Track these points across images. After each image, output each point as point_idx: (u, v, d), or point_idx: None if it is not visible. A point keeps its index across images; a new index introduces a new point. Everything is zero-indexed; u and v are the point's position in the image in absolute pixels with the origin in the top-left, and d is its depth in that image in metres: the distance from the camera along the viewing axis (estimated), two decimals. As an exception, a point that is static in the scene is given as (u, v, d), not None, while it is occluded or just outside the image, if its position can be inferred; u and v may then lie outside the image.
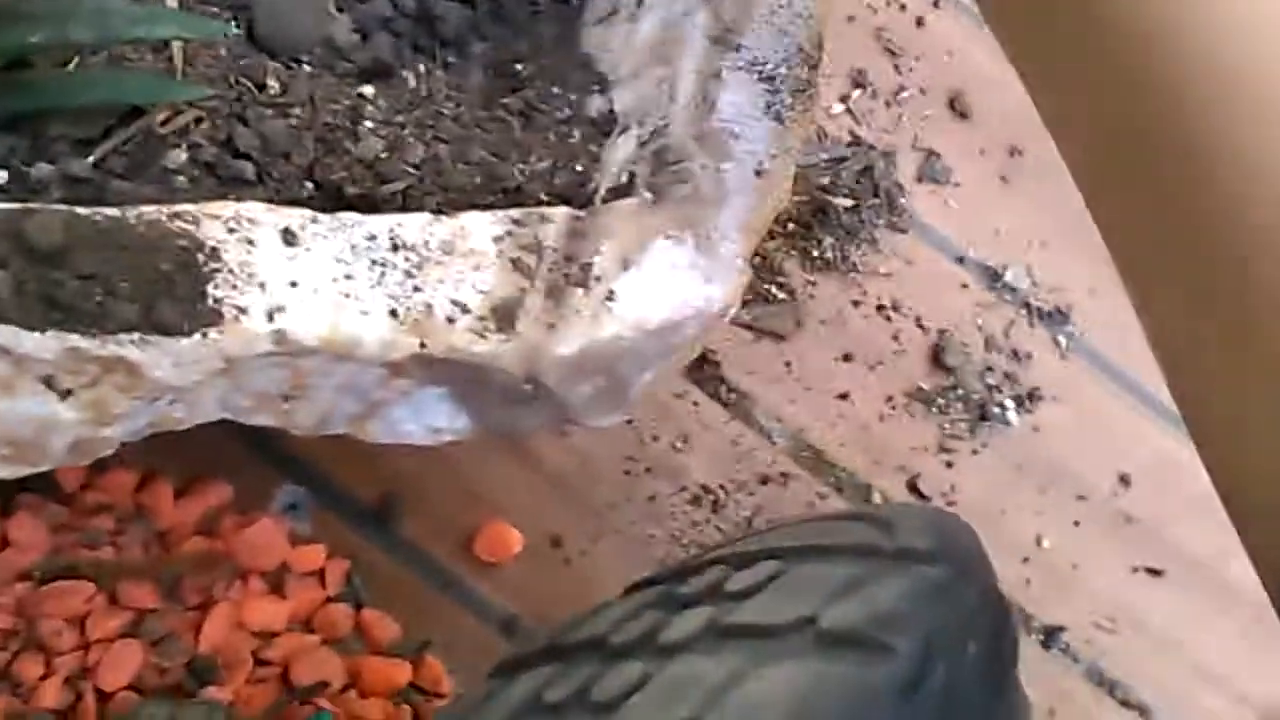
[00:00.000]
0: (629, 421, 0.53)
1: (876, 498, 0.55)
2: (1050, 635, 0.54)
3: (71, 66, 0.36)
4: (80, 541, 0.42)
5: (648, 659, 0.35)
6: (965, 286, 0.60)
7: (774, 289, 0.59)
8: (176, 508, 0.44)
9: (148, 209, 0.32)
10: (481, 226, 0.35)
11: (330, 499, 0.47)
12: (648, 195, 0.38)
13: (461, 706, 0.41)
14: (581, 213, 0.37)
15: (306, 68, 0.40)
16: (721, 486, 0.54)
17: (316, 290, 0.33)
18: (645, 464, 0.53)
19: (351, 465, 0.48)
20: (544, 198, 0.38)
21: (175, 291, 0.31)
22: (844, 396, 0.57)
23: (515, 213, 0.36)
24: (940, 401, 0.57)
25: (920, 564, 0.34)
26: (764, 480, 0.54)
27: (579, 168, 0.40)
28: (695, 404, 0.55)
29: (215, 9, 0.39)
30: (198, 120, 0.37)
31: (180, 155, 0.37)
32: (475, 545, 0.48)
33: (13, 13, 0.33)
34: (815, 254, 0.60)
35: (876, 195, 0.62)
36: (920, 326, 0.59)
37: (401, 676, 0.44)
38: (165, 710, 0.39)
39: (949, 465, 0.56)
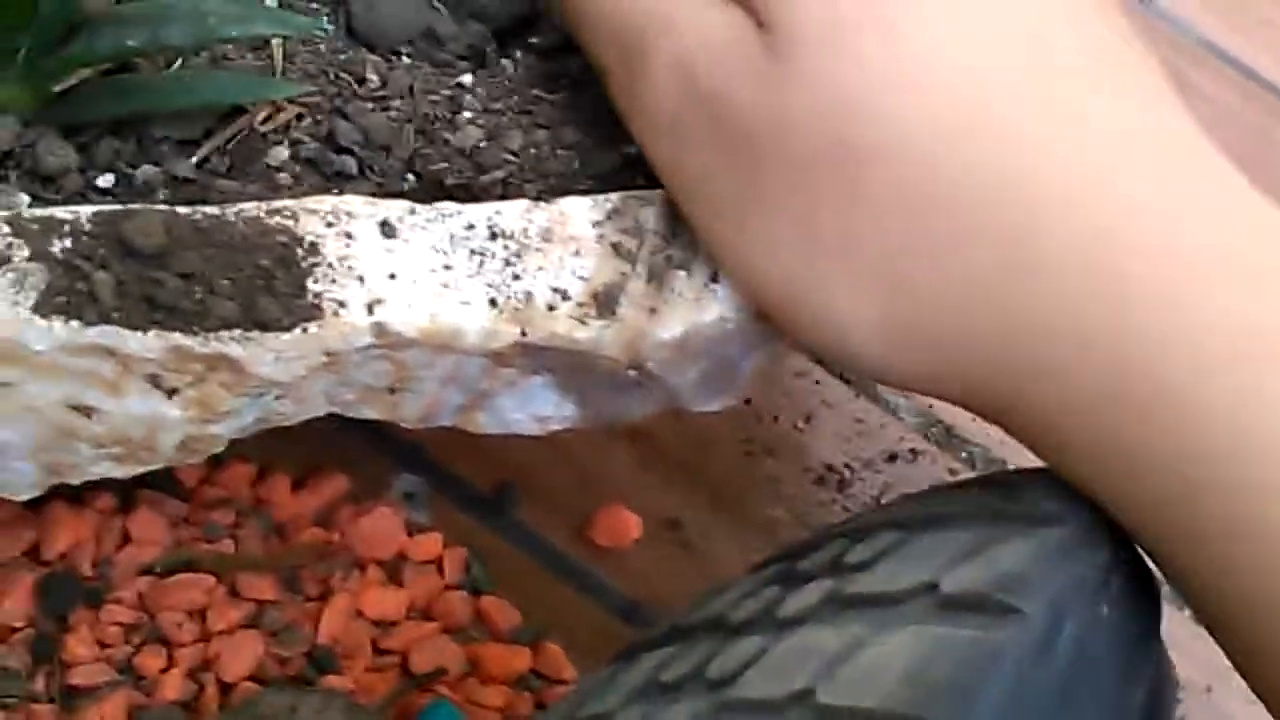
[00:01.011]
0: (747, 402, 0.53)
1: (1008, 474, 0.53)
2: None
3: (173, 69, 0.36)
4: (200, 536, 0.42)
5: (765, 633, 0.34)
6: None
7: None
8: (294, 500, 0.44)
9: (247, 206, 0.32)
10: (580, 212, 0.35)
11: (447, 487, 0.47)
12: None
13: (581, 691, 0.40)
14: (684, 193, 0.36)
15: (405, 59, 0.40)
16: (847, 465, 0.53)
17: (415, 281, 0.33)
18: (766, 445, 0.52)
19: (467, 453, 0.48)
20: (643, 182, 0.37)
21: (275, 287, 0.31)
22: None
23: (614, 197, 0.35)
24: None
25: (1046, 526, 0.33)
26: (891, 457, 0.53)
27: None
28: (817, 382, 0.54)
29: (314, 4, 0.39)
30: (299, 117, 0.37)
31: (282, 152, 0.37)
32: (593, 530, 0.48)
33: (110, 18, 0.33)
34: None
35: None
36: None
37: (521, 663, 0.44)
38: (286, 699, 0.40)
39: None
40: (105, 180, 0.35)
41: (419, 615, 0.44)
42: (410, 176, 0.37)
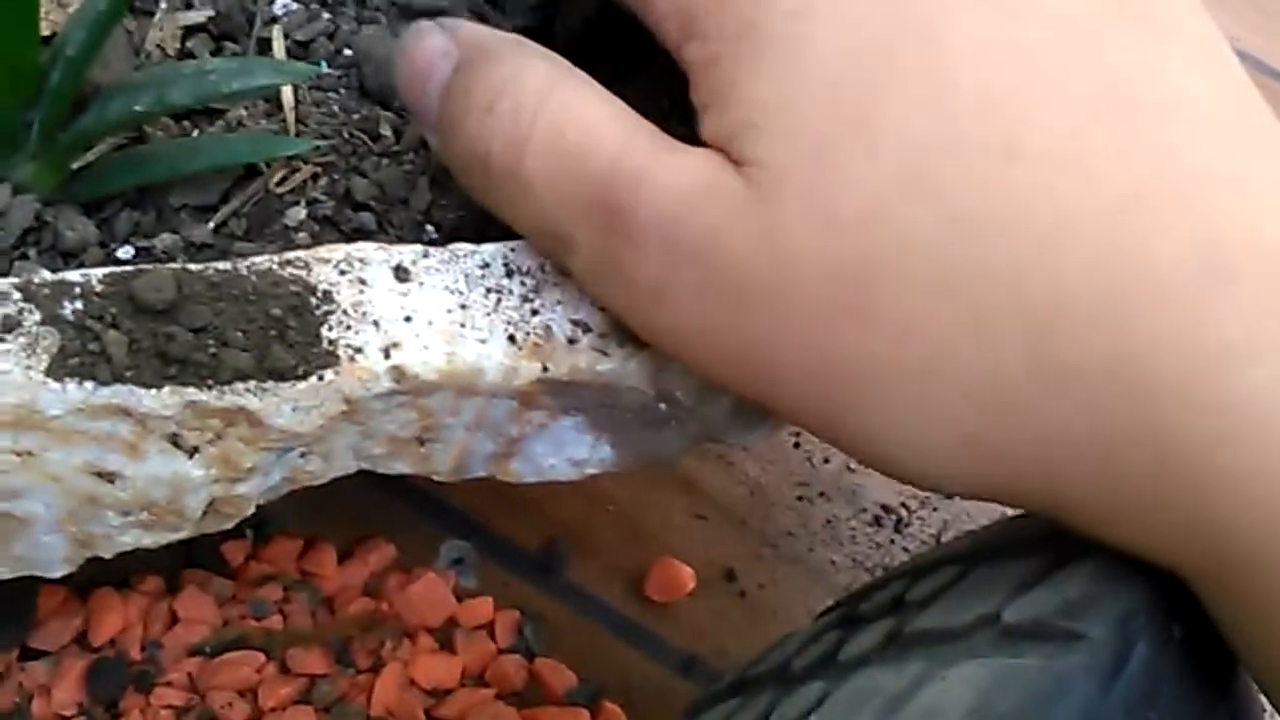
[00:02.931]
0: (797, 446, 0.52)
1: (1068, 500, 0.52)
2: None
3: (187, 138, 0.36)
4: (248, 613, 0.42)
5: (827, 678, 0.33)
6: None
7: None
8: (341, 571, 0.44)
9: (259, 259, 0.32)
10: (598, 245, 0.34)
11: (495, 551, 0.47)
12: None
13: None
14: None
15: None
16: (903, 505, 0.51)
17: (432, 323, 0.32)
18: (818, 488, 0.51)
19: (513, 515, 0.47)
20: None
21: (289, 336, 0.31)
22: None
23: (631, 227, 0.35)
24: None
25: (1104, 550, 0.32)
26: (949, 495, 0.52)
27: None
28: (866, 422, 0.53)
29: (338, 74, 0.40)
30: (314, 177, 0.37)
31: (300, 212, 0.37)
32: (646, 586, 0.47)
33: (118, 87, 0.33)
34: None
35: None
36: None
37: (581, 725, 0.43)
38: (344, 774, 0.39)
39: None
40: (125, 252, 0.35)
41: (473, 682, 0.43)
42: (429, 227, 0.37)
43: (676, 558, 0.47)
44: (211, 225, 0.36)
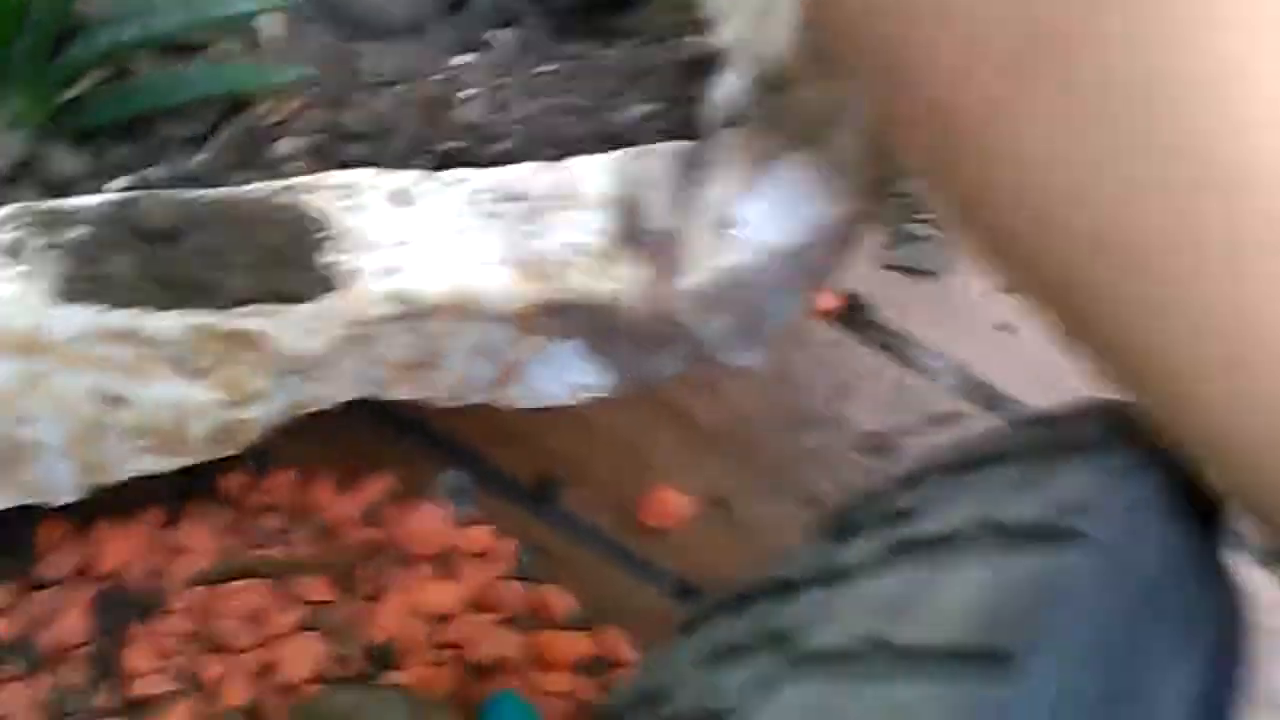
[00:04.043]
0: (783, 377, 0.52)
1: (1054, 423, 0.53)
2: None
3: (173, 70, 0.37)
4: (250, 543, 0.42)
5: (823, 586, 0.34)
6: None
7: (920, 226, 0.57)
8: (340, 501, 0.44)
9: (257, 185, 0.32)
10: (591, 169, 0.35)
11: (492, 479, 0.47)
12: (759, 121, 0.37)
13: (646, 666, 0.40)
14: (692, 144, 0.36)
15: (402, 46, 0.40)
16: (890, 432, 0.52)
17: (431, 247, 0.33)
18: (806, 417, 0.52)
19: (509, 445, 0.47)
20: (651, 140, 0.37)
21: (290, 260, 0.31)
22: (1008, 328, 0.55)
23: (623, 152, 0.35)
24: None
25: (1099, 452, 0.32)
26: (935, 421, 0.52)
27: (686, 107, 0.39)
28: (851, 351, 0.53)
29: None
30: (301, 108, 0.38)
31: (289, 144, 0.37)
32: (641, 512, 0.47)
33: (104, 18, 0.33)
34: (959, 184, 0.58)
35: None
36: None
37: (581, 647, 0.44)
38: (351, 698, 0.40)
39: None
40: (116, 184, 0.35)
41: (474, 608, 0.44)
42: (419, 156, 0.38)
43: (670, 485, 0.48)
44: (202, 157, 0.36)
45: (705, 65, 0.41)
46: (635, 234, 0.34)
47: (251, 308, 0.31)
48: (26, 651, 0.39)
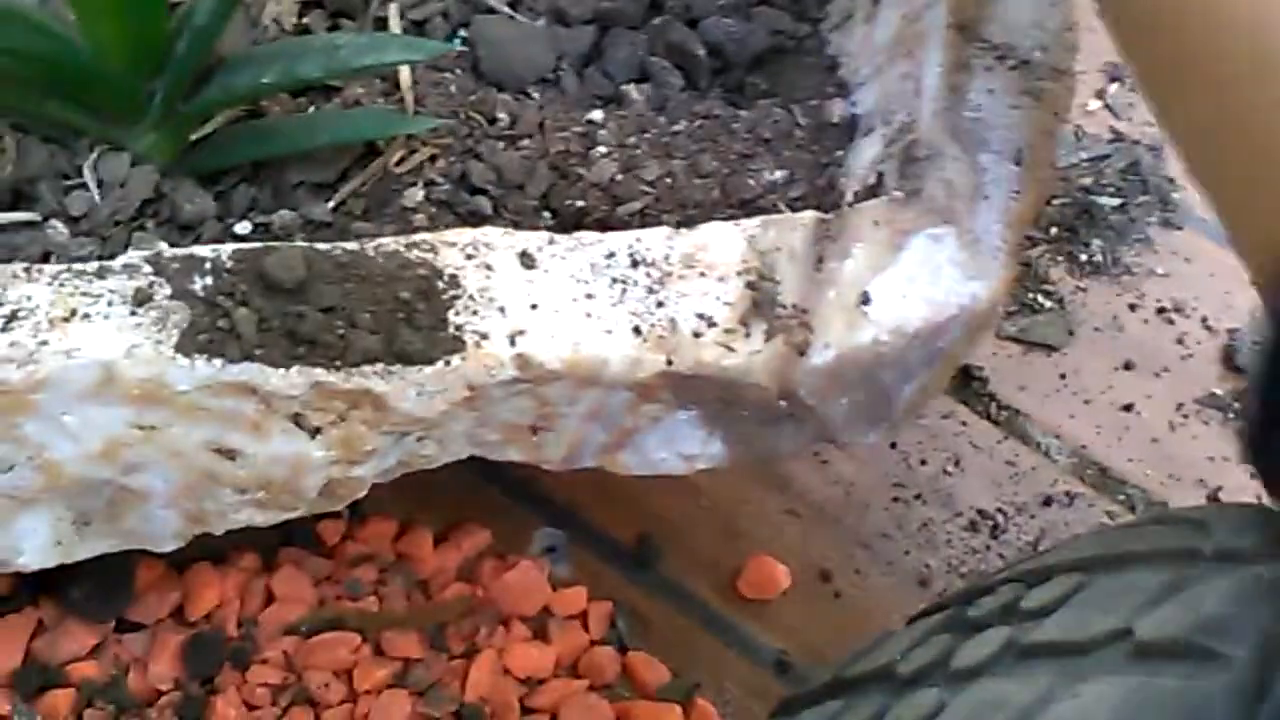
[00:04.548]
0: (893, 446, 0.51)
1: (1173, 513, 0.50)
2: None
3: (306, 113, 0.36)
4: (343, 593, 0.41)
5: (942, 686, 0.32)
6: (1254, 280, 0.55)
7: (1041, 297, 0.55)
8: (436, 555, 0.43)
9: (385, 240, 0.31)
10: (724, 237, 0.34)
11: (588, 540, 0.46)
12: (899, 194, 0.35)
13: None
14: (829, 215, 0.35)
15: (535, 97, 0.39)
16: (1000, 510, 0.50)
17: (557, 311, 0.32)
18: (915, 490, 0.50)
19: (608, 505, 0.46)
20: (784, 208, 0.36)
21: (416, 320, 0.30)
22: (1128, 408, 0.53)
23: (759, 220, 0.34)
24: (1238, 406, 0.53)
25: (1247, 563, 0.30)
26: (1047, 501, 0.51)
27: (821, 174, 0.38)
28: (964, 424, 0.52)
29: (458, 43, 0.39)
30: (432, 158, 0.37)
31: (417, 193, 0.36)
32: (740, 583, 0.46)
33: (244, 58, 0.33)
34: (1083, 257, 0.56)
35: (1145, 191, 0.58)
36: (1207, 327, 0.55)
37: (673, 721, 0.42)
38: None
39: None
40: (243, 227, 0.35)
41: (566, 673, 0.43)
42: (546, 214, 0.37)
43: (771, 556, 0.46)
44: (331, 204, 0.35)
45: (843, 130, 0.39)
46: (766, 308, 0.33)
47: (375, 367, 0.30)
48: (115, 695, 0.39)
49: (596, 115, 0.38)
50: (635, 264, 0.33)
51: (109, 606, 0.40)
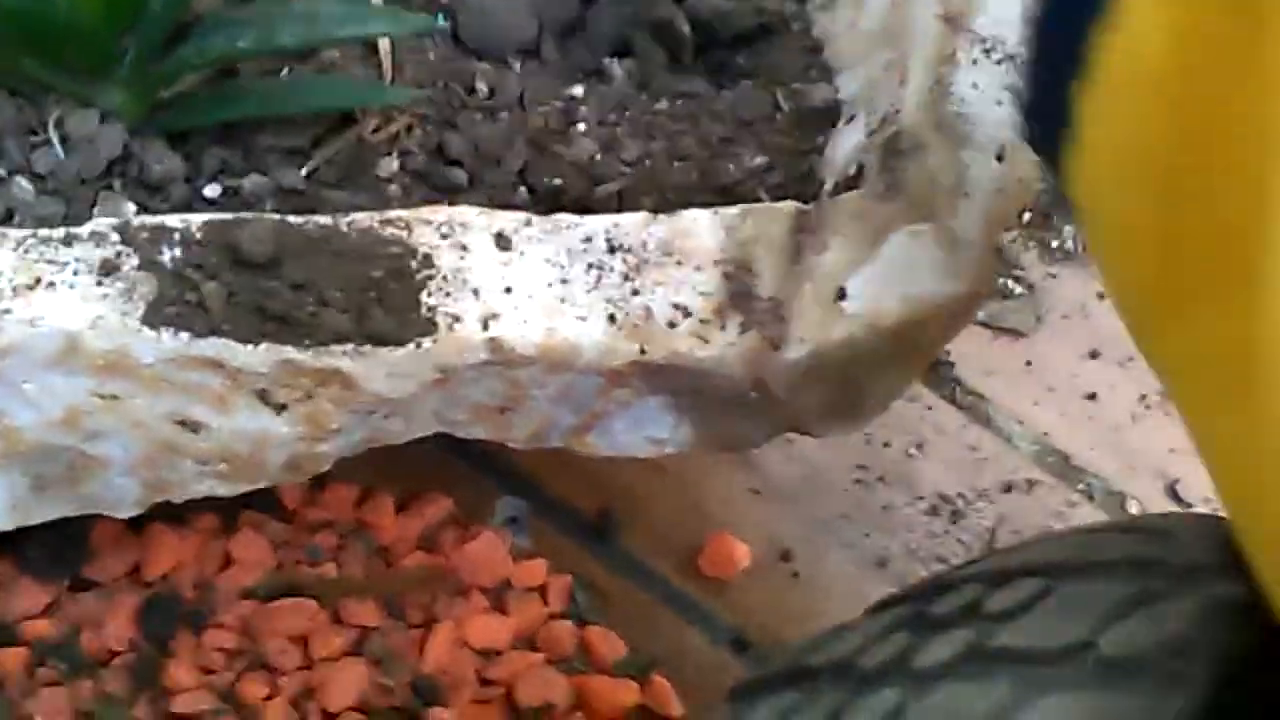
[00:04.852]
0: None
1: (1132, 506, 0.51)
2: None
3: (280, 76, 0.35)
4: (303, 559, 0.41)
5: (902, 686, 0.32)
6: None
7: (1011, 283, 0.55)
8: (397, 522, 0.43)
9: (359, 216, 0.31)
10: (702, 225, 0.33)
11: (550, 512, 0.46)
12: (880, 186, 0.35)
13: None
14: (808, 207, 0.34)
15: (515, 68, 0.38)
16: (960, 495, 0.51)
17: (532, 296, 0.31)
18: (877, 473, 0.50)
19: (571, 478, 0.46)
20: (763, 195, 0.36)
21: (388, 300, 0.30)
22: (1092, 396, 0.53)
23: (737, 209, 0.34)
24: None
25: (1210, 580, 0.30)
26: (1007, 488, 0.51)
27: (801, 161, 0.38)
28: (929, 408, 0.52)
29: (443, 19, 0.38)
30: (408, 128, 0.36)
31: (392, 163, 0.36)
32: (700, 560, 0.46)
33: (221, 19, 0.32)
34: (1055, 244, 0.56)
35: (1121, 180, 0.58)
36: (1175, 319, 0.55)
37: (629, 697, 0.42)
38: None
39: (1212, 470, 0.52)
40: (212, 190, 0.34)
41: (524, 645, 0.43)
42: (522, 189, 0.36)
43: (732, 534, 0.46)
44: (304, 171, 0.35)
45: (825, 116, 0.39)
46: (743, 300, 0.33)
47: (345, 347, 0.29)
48: (69, 654, 0.38)
49: (577, 90, 0.38)
50: (612, 250, 0.33)
51: (64, 565, 0.39)
